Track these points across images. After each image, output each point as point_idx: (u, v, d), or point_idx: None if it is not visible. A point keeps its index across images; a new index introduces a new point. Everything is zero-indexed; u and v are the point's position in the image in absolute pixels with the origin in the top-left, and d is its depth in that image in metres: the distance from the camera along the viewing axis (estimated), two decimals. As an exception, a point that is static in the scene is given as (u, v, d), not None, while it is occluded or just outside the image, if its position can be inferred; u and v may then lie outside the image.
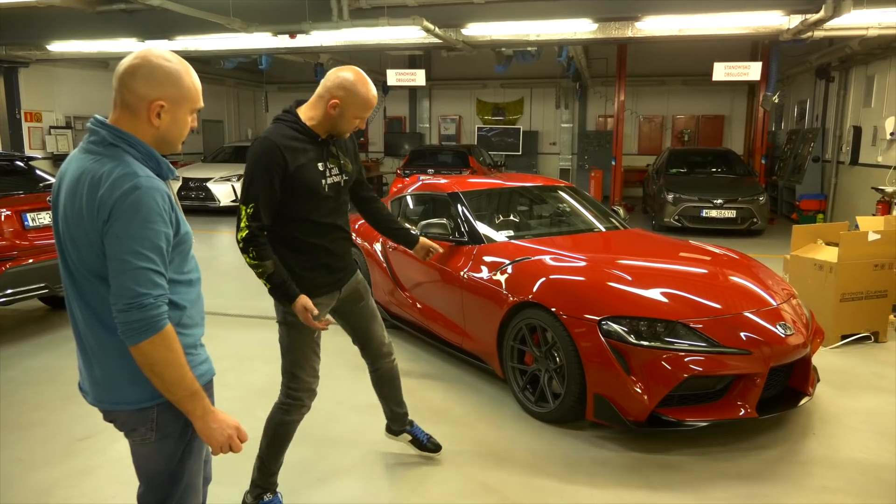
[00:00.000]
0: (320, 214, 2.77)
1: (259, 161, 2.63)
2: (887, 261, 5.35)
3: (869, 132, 10.87)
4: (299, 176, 2.66)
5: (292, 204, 2.70)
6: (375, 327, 3.18)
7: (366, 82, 2.71)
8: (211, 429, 1.78)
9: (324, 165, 2.75)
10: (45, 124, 13.60)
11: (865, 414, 4.08)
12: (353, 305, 3.09)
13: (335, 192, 2.81)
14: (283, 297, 2.69)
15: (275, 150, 2.62)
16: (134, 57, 1.77)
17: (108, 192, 1.65)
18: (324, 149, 2.77)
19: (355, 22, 8.72)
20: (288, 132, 2.69)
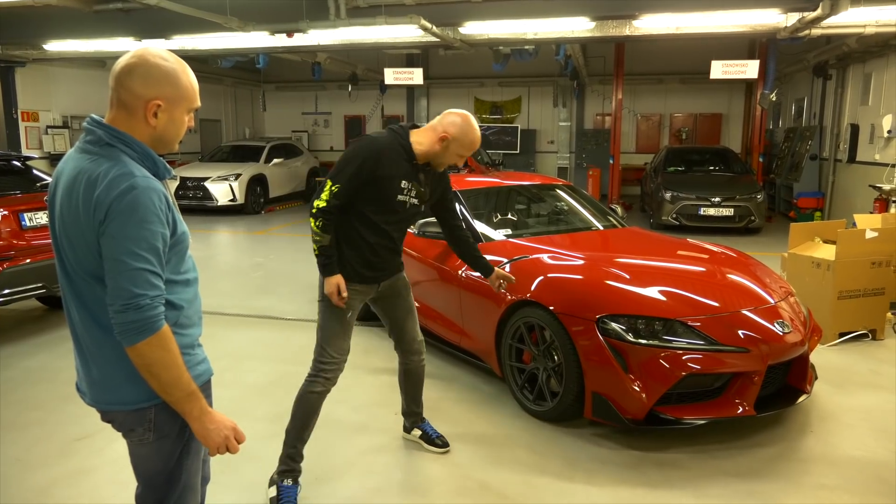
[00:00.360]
0: (381, 220, 3.06)
1: (359, 154, 2.96)
2: (885, 258, 5.35)
3: (866, 130, 10.88)
4: (381, 183, 2.97)
5: (364, 200, 3.01)
6: (410, 323, 3.41)
7: (474, 127, 3.06)
8: (208, 430, 1.78)
9: (407, 185, 3.05)
10: (41, 124, 13.57)
11: (863, 411, 4.09)
12: (392, 299, 3.34)
13: (403, 210, 3.09)
14: (323, 269, 3.03)
15: (375, 152, 2.96)
16: (131, 56, 1.76)
17: (105, 192, 1.64)
18: (415, 172, 3.07)
19: (352, 21, 8.71)
20: (394, 145, 3.02)
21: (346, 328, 3.14)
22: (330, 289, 3.01)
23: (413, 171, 3.06)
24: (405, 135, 3.06)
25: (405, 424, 3.74)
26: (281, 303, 6.70)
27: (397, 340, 3.45)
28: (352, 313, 3.14)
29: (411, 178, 3.05)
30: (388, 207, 3.04)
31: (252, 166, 14.01)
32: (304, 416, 3.13)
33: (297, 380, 4.57)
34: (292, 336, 5.63)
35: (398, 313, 3.37)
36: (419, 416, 3.70)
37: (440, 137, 3.01)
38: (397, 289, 3.33)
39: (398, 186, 3.01)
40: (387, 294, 3.30)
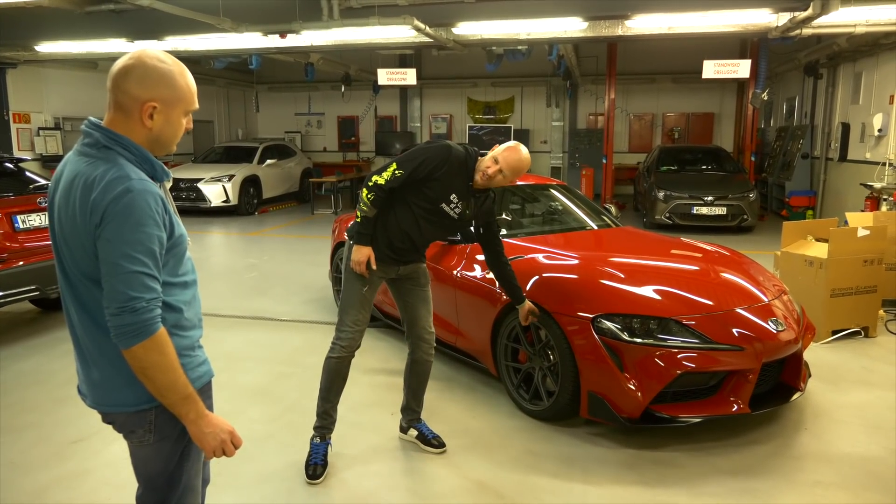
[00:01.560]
0: (421, 215, 3.28)
1: (434, 153, 3.22)
2: (876, 256, 5.40)
3: (857, 129, 10.95)
4: (434, 185, 3.22)
5: (415, 192, 3.24)
6: (423, 311, 3.53)
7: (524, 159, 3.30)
8: (204, 433, 1.78)
9: (455, 200, 3.29)
10: (33, 125, 13.48)
11: (856, 408, 4.12)
12: (410, 284, 3.51)
13: (442, 217, 3.31)
14: (358, 237, 3.24)
15: (445, 157, 3.22)
16: (128, 58, 1.76)
17: (101, 195, 1.64)
18: (467, 192, 3.31)
19: (346, 21, 8.70)
20: (463, 161, 3.28)
21: (363, 301, 3.34)
22: (359, 256, 3.23)
23: (466, 190, 3.31)
24: (475, 157, 3.33)
25: (401, 424, 3.75)
26: (275, 304, 6.69)
27: (409, 327, 3.56)
28: (368, 287, 3.33)
29: (462, 195, 3.30)
30: (432, 208, 3.27)
31: (245, 167, 13.98)
32: (327, 378, 3.38)
33: (292, 381, 4.61)
34: (287, 337, 5.62)
35: (413, 299, 3.52)
36: (417, 415, 3.72)
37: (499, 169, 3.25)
38: (416, 276, 3.50)
39: (447, 196, 3.26)
40: (405, 278, 3.48)
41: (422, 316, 3.53)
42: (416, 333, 3.55)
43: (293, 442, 3.70)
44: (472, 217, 3.42)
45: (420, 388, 3.67)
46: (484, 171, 3.26)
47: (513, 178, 3.30)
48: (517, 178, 3.35)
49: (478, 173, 3.28)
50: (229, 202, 13.26)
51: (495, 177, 3.25)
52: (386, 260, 3.34)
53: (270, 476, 3.36)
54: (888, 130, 9.69)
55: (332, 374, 3.37)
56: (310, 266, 8.46)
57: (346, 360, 3.37)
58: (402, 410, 3.75)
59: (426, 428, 3.70)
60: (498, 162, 3.24)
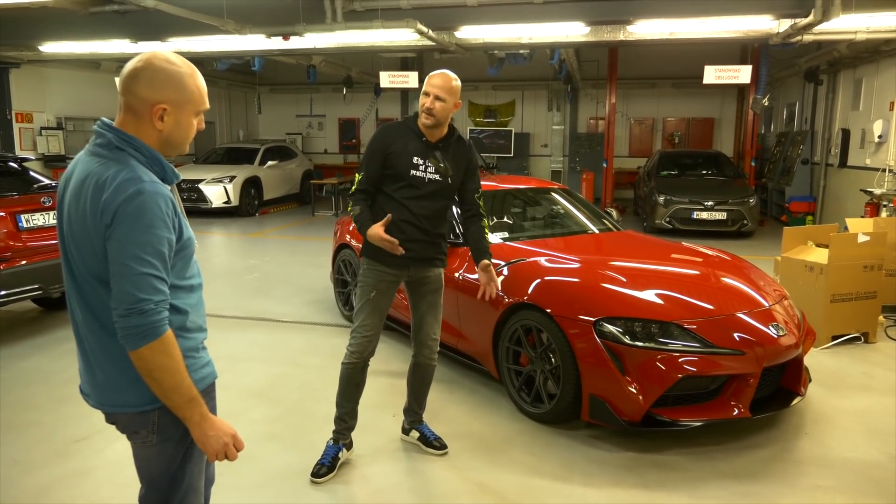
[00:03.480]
0: (403, 196, 3.27)
1: (371, 141, 3.34)
2: (876, 262, 5.41)
3: (857, 135, 10.98)
4: (393, 160, 3.25)
5: (386, 181, 3.30)
6: (430, 318, 3.53)
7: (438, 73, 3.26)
8: (207, 436, 1.78)
9: (420, 160, 3.27)
10: (35, 125, 13.50)
11: (856, 413, 4.13)
12: (421, 290, 3.49)
13: (425, 186, 3.28)
14: (361, 227, 3.26)
15: (381, 133, 3.33)
16: (137, 60, 1.77)
17: (112, 196, 1.65)
18: (427, 149, 3.29)
19: (349, 24, 8.73)
20: (400, 126, 3.34)
21: (374, 307, 3.35)
22: (373, 238, 3.18)
23: (425, 147, 3.28)
24: (413, 118, 3.34)
25: (403, 425, 3.77)
26: (277, 305, 6.70)
27: (414, 332, 3.57)
28: (376, 294, 3.34)
29: (424, 154, 3.27)
30: (406, 183, 3.25)
31: (246, 168, 14.00)
32: (342, 383, 3.41)
33: (294, 382, 4.62)
34: (289, 338, 5.63)
35: (421, 305, 3.51)
36: (419, 417, 3.73)
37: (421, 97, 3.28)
38: (427, 280, 3.47)
39: (411, 161, 3.25)
40: (417, 283, 3.47)
41: (428, 322, 3.52)
42: (420, 339, 3.55)
43: (295, 443, 3.72)
44: (453, 171, 3.33)
45: (422, 390, 3.68)
46: (422, 110, 3.24)
47: (453, 100, 3.23)
48: (457, 97, 3.26)
49: (420, 119, 3.27)
50: (230, 203, 13.27)
51: (434, 106, 3.20)
52: (395, 263, 3.31)
53: (272, 477, 3.37)
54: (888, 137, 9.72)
55: (344, 380, 3.40)
56: (311, 267, 8.47)
57: (357, 367, 3.37)
58: (405, 412, 3.76)
59: (428, 430, 3.71)
60: (428, 94, 3.21)
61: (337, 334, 5.66)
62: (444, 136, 3.33)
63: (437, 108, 3.20)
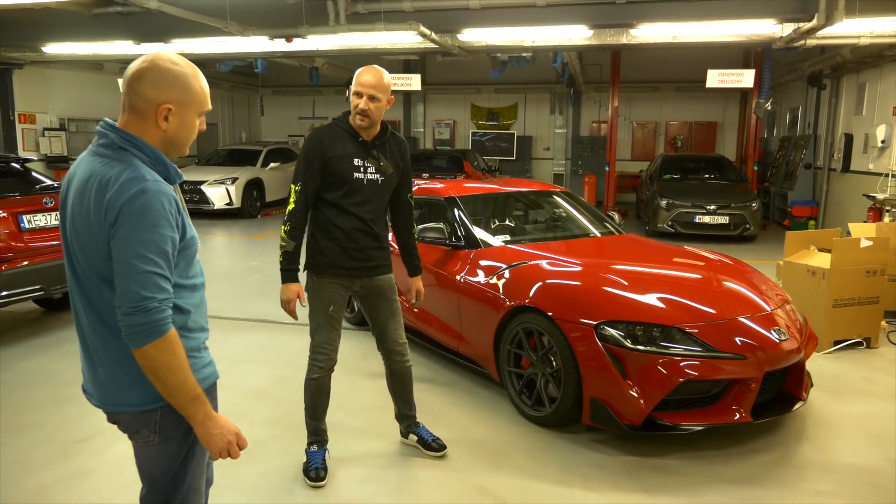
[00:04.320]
0: (348, 203, 3.16)
1: (305, 148, 3.17)
2: (879, 267, 5.40)
3: (860, 140, 10.97)
4: (333, 164, 3.12)
5: (327, 188, 3.16)
6: (392, 325, 3.45)
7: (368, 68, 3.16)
8: (211, 434, 1.79)
9: (360, 162, 3.17)
10: (38, 126, 13.54)
11: (858, 418, 4.12)
12: (375, 299, 3.40)
13: (366, 188, 3.19)
14: (283, 275, 3.21)
15: (316, 139, 3.16)
16: (142, 61, 1.78)
17: (116, 195, 1.66)
18: (365, 149, 3.19)
19: (352, 26, 8.75)
20: (334, 128, 3.21)
21: (331, 320, 3.28)
22: (285, 296, 3.20)
23: (363, 148, 3.18)
24: (344, 118, 3.23)
25: (401, 430, 3.76)
26: (278, 307, 6.63)
27: (379, 341, 3.52)
28: (334, 306, 3.26)
29: (363, 155, 3.18)
30: (350, 187, 3.15)
31: (249, 170, 14.01)
32: (310, 399, 3.37)
33: (294, 383, 4.61)
34: (289, 340, 5.63)
35: (380, 315, 3.43)
36: (413, 420, 3.71)
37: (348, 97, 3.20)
38: (380, 289, 3.37)
39: (352, 164, 3.15)
40: (369, 293, 3.37)
41: (392, 329, 3.46)
42: (387, 347, 3.49)
43: (295, 444, 3.71)
44: (395, 170, 3.27)
45: (406, 392, 3.63)
46: (355, 112, 3.11)
47: (386, 97, 3.12)
48: (389, 93, 3.15)
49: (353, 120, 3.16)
50: (232, 205, 13.28)
51: (368, 107, 3.08)
52: (346, 273, 3.24)
53: (272, 478, 3.37)
54: (891, 142, 9.71)
55: (316, 393, 3.35)
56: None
57: (326, 378, 3.35)
58: (398, 418, 3.72)
59: (426, 431, 3.69)
60: (360, 94, 3.08)
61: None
62: (379, 134, 3.24)
63: (371, 109, 3.09)
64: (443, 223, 4.94)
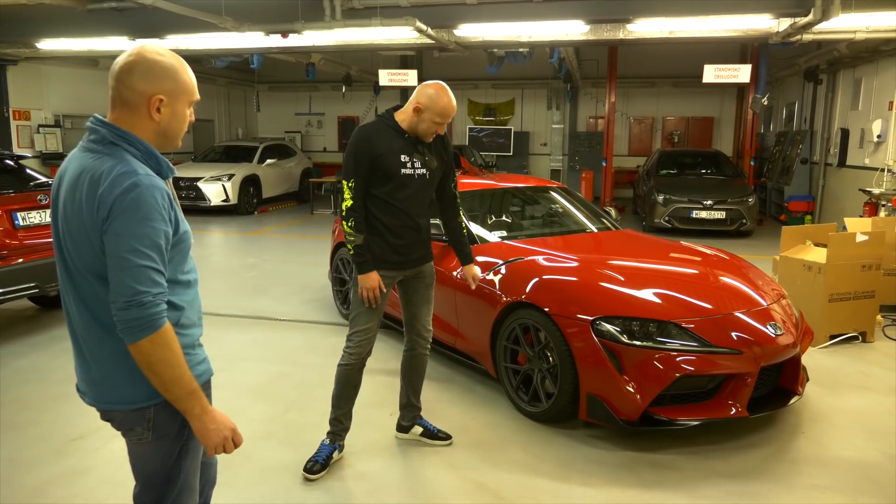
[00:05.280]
0: (395, 199, 3.23)
1: (353, 145, 3.19)
2: (875, 262, 5.41)
3: (856, 134, 10.98)
4: (381, 161, 3.17)
5: (374, 184, 3.21)
6: (424, 311, 3.55)
7: (445, 95, 3.18)
8: (208, 429, 1.78)
9: (407, 158, 3.23)
10: (33, 122, 13.48)
11: (853, 413, 4.13)
12: (416, 284, 3.50)
13: (414, 183, 3.26)
14: (359, 267, 3.23)
15: (364, 136, 3.19)
16: (129, 54, 1.78)
17: (108, 189, 1.65)
18: (411, 145, 3.25)
19: (348, 22, 8.72)
20: (381, 126, 3.25)
21: (374, 310, 3.34)
22: (368, 284, 3.22)
23: (409, 144, 3.25)
24: (389, 115, 3.29)
25: (400, 423, 3.76)
26: (275, 304, 6.69)
27: (408, 324, 3.59)
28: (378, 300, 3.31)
29: (409, 151, 3.24)
30: (397, 183, 3.22)
31: (245, 167, 13.99)
32: (338, 385, 3.41)
33: (291, 380, 4.62)
34: (286, 337, 5.62)
35: (416, 299, 3.52)
36: (418, 411, 3.75)
37: (414, 108, 3.19)
38: (422, 275, 3.49)
39: (399, 161, 3.21)
40: (412, 279, 3.47)
41: (423, 314, 3.56)
42: (416, 330, 3.58)
43: (292, 441, 3.71)
44: (439, 164, 3.37)
45: (419, 382, 3.70)
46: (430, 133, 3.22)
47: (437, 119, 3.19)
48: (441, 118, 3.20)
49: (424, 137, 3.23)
50: (229, 201, 13.26)
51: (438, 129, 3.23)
52: (393, 266, 3.33)
53: (269, 475, 3.36)
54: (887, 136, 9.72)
55: (343, 382, 3.40)
56: (309, 266, 8.47)
57: (356, 368, 3.39)
58: (403, 408, 3.75)
59: (429, 423, 3.75)
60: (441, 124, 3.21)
61: (335, 333, 5.65)
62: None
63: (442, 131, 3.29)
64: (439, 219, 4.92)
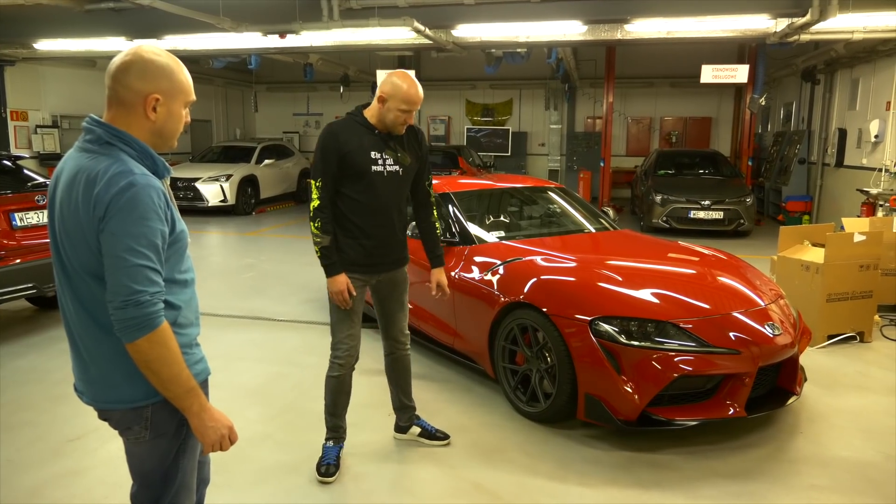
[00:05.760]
0: (366, 198, 3.14)
1: (321, 143, 3.13)
2: (872, 261, 5.42)
3: (854, 134, 11.00)
4: (350, 159, 3.09)
5: (344, 182, 3.13)
6: (400, 316, 3.50)
7: (408, 79, 3.09)
8: (206, 426, 1.79)
9: (378, 155, 3.14)
10: (31, 123, 13.46)
11: (851, 413, 4.13)
12: (390, 290, 3.43)
13: (385, 180, 3.16)
14: (325, 270, 3.17)
15: (332, 134, 3.12)
16: (125, 54, 1.78)
17: (104, 189, 1.66)
18: (382, 141, 3.16)
19: (345, 22, 8.72)
20: (349, 122, 3.17)
21: (351, 315, 3.29)
22: (334, 287, 3.16)
23: (379, 140, 3.16)
24: (359, 112, 3.20)
25: (398, 424, 3.75)
26: (272, 304, 6.69)
27: (385, 330, 3.54)
28: (353, 303, 3.26)
29: (380, 147, 3.16)
30: (368, 181, 3.13)
31: (243, 167, 13.97)
32: (330, 396, 3.39)
33: (289, 381, 4.61)
34: (284, 337, 5.62)
35: (390, 305, 3.47)
36: (413, 411, 3.74)
37: (378, 98, 3.11)
38: (395, 280, 3.42)
39: (369, 157, 3.12)
40: (385, 284, 3.41)
41: (399, 320, 3.52)
42: (393, 336, 3.54)
43: (290, 442, 3.71)
44: (413, 159, 3.27)
45: (406, 381, 3.68)
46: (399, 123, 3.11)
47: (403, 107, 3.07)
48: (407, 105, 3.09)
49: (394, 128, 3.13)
50: (227, 202, 13.24)
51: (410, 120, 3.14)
52: (366, 270, 3.26)
53: (267, 476, 3.36)
54: (884, 137, 9.73)
55: (335, 391, 3.38)
56: (307, 266, 8.46)
57: (346, 376, 3.37)
58: (397, 410, 3.74)
59: (427, 424, 3.74)
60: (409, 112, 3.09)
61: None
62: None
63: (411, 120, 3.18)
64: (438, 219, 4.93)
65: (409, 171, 3.26)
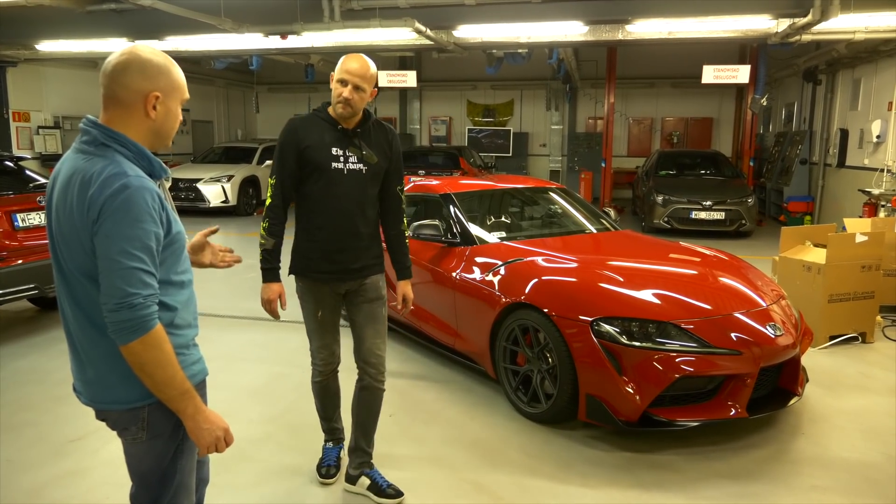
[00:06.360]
0: (328, 197, 2.94)
1: (280, 140, 2.99)
2: (874, 262, 5.41)
3: (856, 135, 10.98)
4: (309, 155, 2.92)
5: (305, 181, 2.97)
6: (369, 331, 3.11)
7: (353, 55, 2.93)
8: (201, 429, 1.79)
9: (339, 151, 2.94)
10: (33, 124, 13.49)
11: (853, 413, 4.13)
12: (357, 299, 3.12)
13: (347, 179, 2.95)
14: (262, 274, 3.03)
15: (291, 129, 2.98)
16: (121, 53, 1.78)
17: (98, 191, 1.65)
18: (345, 137, 2.96)
19: (347, 23, 8.72)
20: (311, 118, 3.01)
21: (323, 324, 3.12)
22: (264, 295, 3.01)
23: (343, 136, 2.94)
24: (323, 108, 3.00)
25: (348, 471, 3.24)
26: (274, 304, 6.67)
27: (355, 350, 3.16)
28: (322, 312, 3.08)
29: (343, 144, 2.93)
30: (329, 179, 2.91)
31: (244, 168, 13.97)
32: (319, 398, 3.31)
33: (290, 381, 4.61)
34: (285, 338, 5.62)
35: (359, 318, 3.12)
36: (368, 458, 3.24)
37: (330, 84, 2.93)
38: (364, 290, 3.09)
39: (329, 154, 2.91)
40: (354, 295, 3.11)
41: (368, 336, 3.10)
42: (362, 356, 3.13)
43: (291, 443, 3.71)
44: (381, 159, 3.00)
45: (369, 420, 3.20)
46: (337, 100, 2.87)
47: (370, 88, 2.89)
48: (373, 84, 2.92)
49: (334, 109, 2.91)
50: (228, 203, 13.25)
51: (352, 97, 2.85)
52: (329, 277, 3.02)
53: (268, 477, 3.36)
54: (886, 137, 9.72)
55: (322, 395, 3.29)
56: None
57: (329, 379, 3.25)
58: (350, 452, 3.26)
59: (379, 476, 3.20)
60: (346, 83, 2.84)
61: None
62: (361, 122, 2.98)
63: (355, 99, 2.85)
64: (438, 220, 4.93)
65: (374, 171, 2.99)
